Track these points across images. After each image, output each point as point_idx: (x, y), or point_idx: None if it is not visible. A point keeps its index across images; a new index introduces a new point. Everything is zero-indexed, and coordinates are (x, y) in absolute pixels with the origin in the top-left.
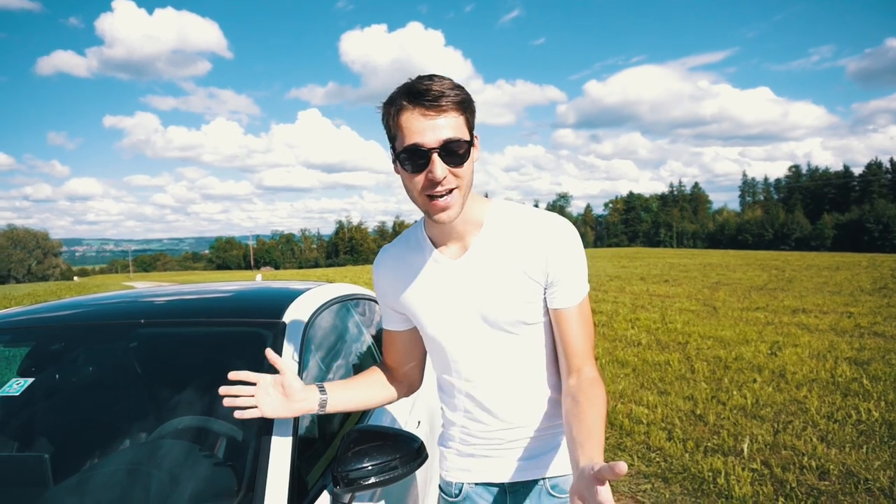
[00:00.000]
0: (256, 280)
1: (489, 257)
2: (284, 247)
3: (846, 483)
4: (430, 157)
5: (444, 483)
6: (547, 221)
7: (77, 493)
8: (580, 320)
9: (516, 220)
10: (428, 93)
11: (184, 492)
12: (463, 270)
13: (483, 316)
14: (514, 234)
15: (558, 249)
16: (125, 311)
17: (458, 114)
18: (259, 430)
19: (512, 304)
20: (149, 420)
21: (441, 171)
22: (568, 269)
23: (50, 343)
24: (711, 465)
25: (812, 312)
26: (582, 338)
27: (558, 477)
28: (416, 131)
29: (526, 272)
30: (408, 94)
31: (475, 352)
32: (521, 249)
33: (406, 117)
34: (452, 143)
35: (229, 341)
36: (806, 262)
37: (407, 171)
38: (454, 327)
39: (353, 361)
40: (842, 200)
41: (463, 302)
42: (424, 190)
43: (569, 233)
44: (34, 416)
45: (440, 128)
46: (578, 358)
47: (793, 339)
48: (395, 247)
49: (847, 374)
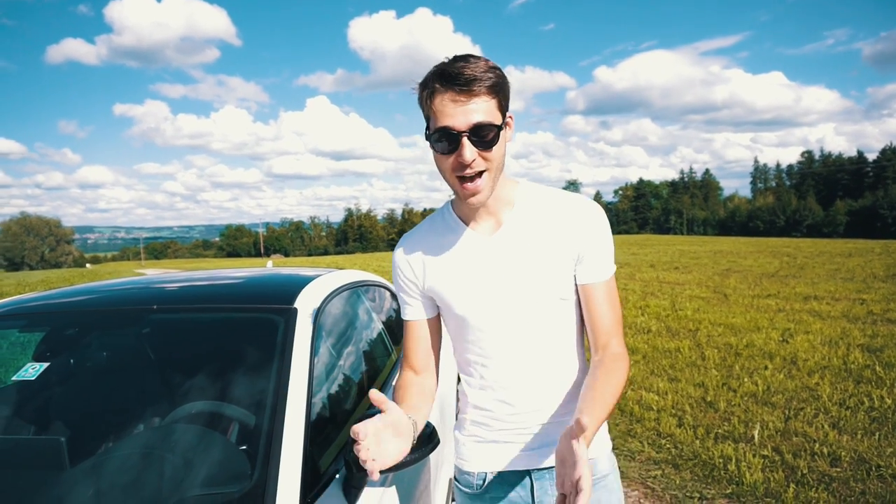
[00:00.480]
0: (267, 267)
1: (523, 233)
2: (294, 234)
3: (858, 469)
4: (459, 140)
5: (463, 474)
6: (577, 200)
7: (93, 476)
8: (607, 297)
9: (547, 198)
10: (460, 76)
11: (197, 475)
12: (498, 246)
13: (518, 291)
14: (546, 212)
15: (588, 226)
16: (138, 297)
17: (489, 97)
18: (272, 415)
19: (547, 279)
20: (162, 405)
21: (470, 154)
22: (596, 246)
23: (64, 328)
24: (722, 452)
25: (824, 299)
26: (609, 314)
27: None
28: (448, 114)
29: (558, 247)
30: (440, 77)
31: (507, 329)
32: (554, 226)
33: (438, 100)
34: (482, 128)
35: (241, 327)
36: (818, 249)
37: (438, 152)
38: (487, 304)
39: (364, 348)
40: (855, 187)
41: (498, 277)
42: (454, 171)
43: (598, 212)
44: (50, 401)
45: (471, 112)
46: (605, 334)
47: (804, 326)
48: (418, 231)
49: (860, 360)
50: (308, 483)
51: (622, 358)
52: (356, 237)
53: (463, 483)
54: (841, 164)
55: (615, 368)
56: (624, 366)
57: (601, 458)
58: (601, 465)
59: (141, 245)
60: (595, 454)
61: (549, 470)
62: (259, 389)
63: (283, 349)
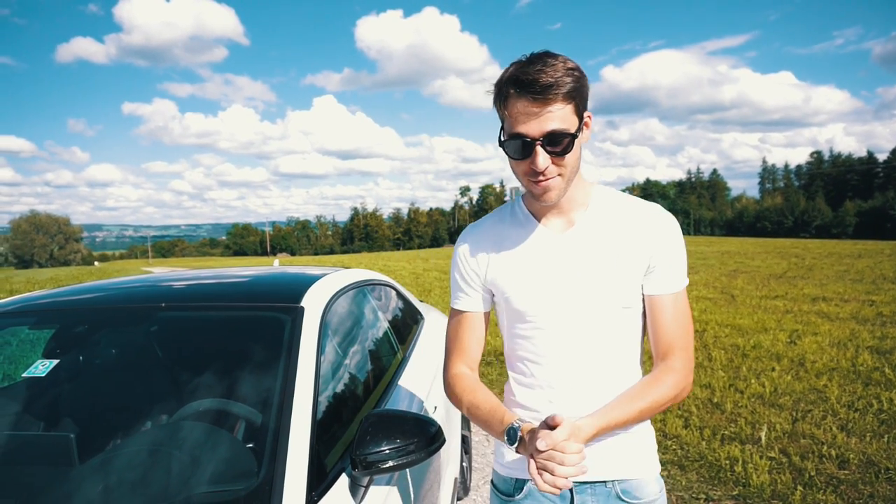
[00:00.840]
0: (274, 265)
1: (596, 234)
2: (300, 233)
3: (866, 472)
4: (533, 147)
5: (501, 479)
6: (652, 208)
7: (102, 473)
8: (675, 310)
9: (623, 203)
10: (535, 84)
11: (204, 472)
12: (567, 244)
13: (581, 292)
14: (621, 215)
15: (662, 235)
16: (146, 295)
17: (565, 103)
18: (279, 413)
19: (615, 282)
20: (170, 402)
21: (543, 162)
22: (668, 257)
23: (74, 326)
24: (729, 453)
25: (832, 301)
26: (674, 328)
27: (630, 480)
28: (521, 122)
29: (628, 254)
30: (515, 83)
31: (564, 329)
32: (626, 231)
33: (512, 105)
34: (556, 135)
35: (248, 325)
36: (827, 250)
37: (511, 156)
38: (548, 301)
39: (370, 347)
40: (865, 187)
41: (563, 276)
42: (527, 176)
43: (673, 223)
44: (59, 397)
45: (545, 120)
46: (666, 346)
47: (812, 328)
48: (485, 222)
49: (868, 363)
50: (314, 481)
51: (677, 373)
52: (362, 236)
53: (500, 487)
54: (850, 164)
55: (662, 381)
56: (674, 380)
57: (648, 480)
58: (648, 489)
59: (149, 243)
60: (639, 475)
61: (591, 485)
62: (266, 387)
63: (290, 347)
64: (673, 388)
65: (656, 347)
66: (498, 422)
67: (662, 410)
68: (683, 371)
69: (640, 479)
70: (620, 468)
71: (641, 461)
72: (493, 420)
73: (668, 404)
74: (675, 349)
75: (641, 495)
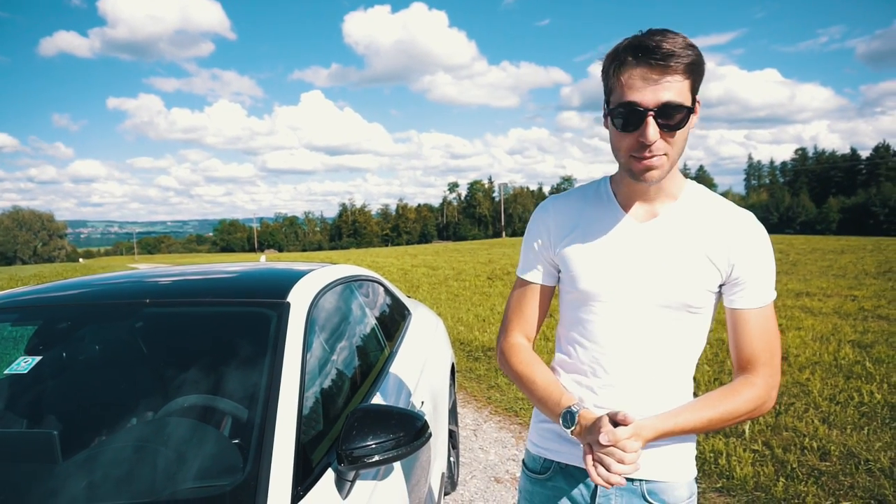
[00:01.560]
0: (260, 261)
1: (678, 229)
2: (288, 229)
3: (847, 463)
4: (645, 118)
5: (531, 458)
6: (743, 213)
7: (86, 469)
8: (760, 325)
9: (713, 202)
10: (656, 50)
11: (190, 468)
12: (648, 234)
13: (654, 284)
14: (708, 215)
15: (749, 245)
16: (131, 291)
17: (683, 77)
18: (264, 409)
19: (688, 282)
20: (155, 398)
21: (653, 135)
22: (758, 270)
23: (57, 322)
24: (713, 447)
25: (816, 296)
26: (758, 343)
27: (658, 482)
28: (636, 89)
29: (710, 255)
30: (634, 49)
31: (621, 318)
32: (713, 232)
33: (628, 73)
34: (672, 108)
35: (234, 321)
36: (811, 246)
37: (617, 128)
38: (614, 286)
39: (357, 342)
40: (848, 184)
41: (635, 264)
42: (631, 151)
43: (762, 232)
44: (42, 394)
45: (662, 89)
46: (746, 361)
47: (796, 323)
48: (568, 196)
49: (850, 356)
50: (300, 476)
51: (757, 388)
52: (350, 232)
53: (529, 465)
54: (834, 161)
55: (739, 392)
56: (752, 395)
57: (679, 485)
58: (678, 493)
59: (134, 240)
60: (670, 478)
61: None
62: (252, 383)
63: (276, 343)
64: (749, 403)
65: (738, 361)
66: (555, 402)
67: (734, 425)
68: (765, 387)
69: (671, 483)
70: (651, 468)
71: (675, 463)
72: (549, 399)
73: (742, 419)
74: (757, 364)
75: (669, 499)
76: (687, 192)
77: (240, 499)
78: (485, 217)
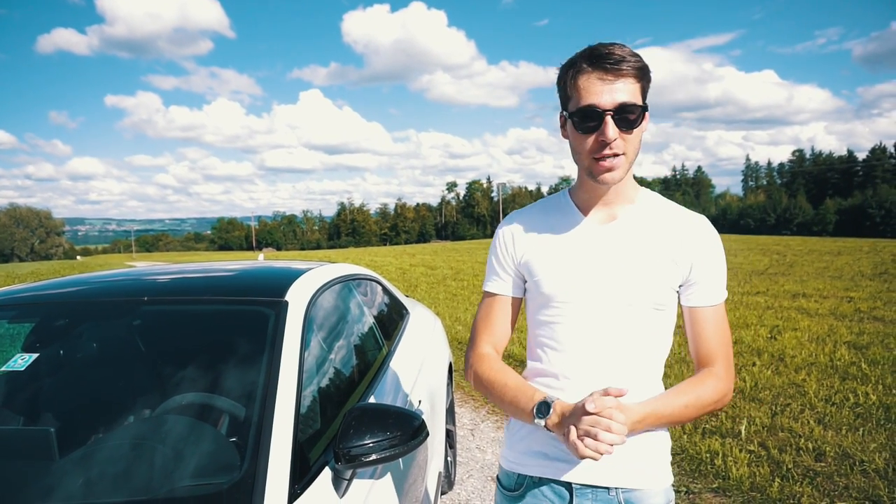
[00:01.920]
0: (259, 260)
1: (637, 231)
2: (286, 228)
3: (842, 464)
4: (603, 118)
5: (504, 474)
6: (699, 218)
7: (83, 467)
8: (715, 323)
9: (668, 206)
10: (609, 56)
11: (187, 466)
12: (606, 237)
13: (618, 285)
14: (666, 218)
15: (706, 246)
16: (129, 289)
17: (635, 80)
18: (262, 407)
19: (651, 281)
20: (152, 396)
21: (613, 133)
22: (711, 269)
23: (54, 319)
24: (709, 447)
25: (812, 297)
26: (715, 339)
27: (634, 490)
28: (593, 93)
29: (671, 256)
30: (589, 57)
31: (587, 320)
32: (670, 233)
33: (584, 79)
34: (627, 107)
35: (232, 319)
36: (808, 247)
37: (578, 131)
38: (577, 289)
39: (355, 341)
40: (845, 185)
41: (596, 267)
42: (592, 153)
43: (716, 235)
44: (39, 391)
45: (617, 91)
46: (705, 357)
47: (792, 324)
48: (529, 210)
49: (846, 357)
50: (297, 474)
51: (719, 379)
52: (349, 231)
53: (503, 482)
54: (831, 162)
55: (705, 382)
56: (716, 385)
57: (655, 492)
58: (654, 501)
59: (132, 237)
60: (646, 485)
61: (592, 489)
62: (249, 381)
63: (274, 342)
64: (715, 392)
65: (697, 357)
66: (528, 398)
67: (703, 415)
68: (726, 379)
69: (647, 490)
70: (627, 476)
71: (651, 470)
72: (523, 396)
73: (709, 409)
74: (717, 358)
75: None
76: (643, 197)
77: (236, 497)
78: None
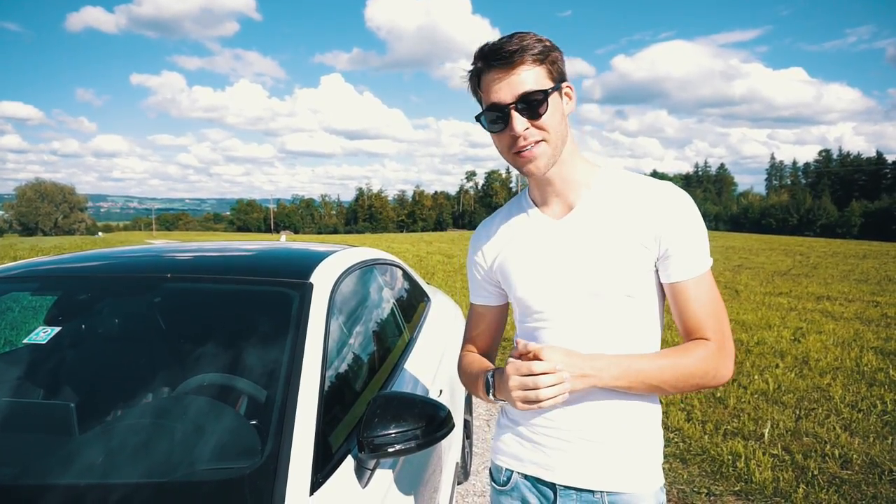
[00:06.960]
0: (281, 240)
1: (596, 218)
2: (304, 211)
3: (870, 473)
4: (508, 113)
5: (495, 468)
6: (663, 185)
7: (102, 443)
8: (699, 296)
9: (628, 183)
10: (499, 51)
11: (206, 448)
12: (565, 230)
13: (582, 281)
14: (626, 195)
15: (674, 215)
16: (152, 265)
17: (534, 65)
18: (285, 390)
19: (617, 271)
20: (173, 374)
21: (520, 126)
22: (685, 238)
23: (77, 293)
24: (731, 449)
25: (837, 300)
26: (701, 315)
27: (620, 494)
28: (494, 91)
29: (636, 237)
30: (483, 57)
31: (564, 319)
32: (632, 211)
33: (484, 79)
34: (529, 96)
35: (256, 300)
36: (832, 249)
37: (492, 131)
38: (547, 289)
39: (377, 326)
40: (872, 188)
41: (560, 263)
42: (510, 148)
43: (685, 199)
44: (60, 365)
45: (515, 83)
46: (692, 332)
47: (816, 326)
48: (494, 217)
49: (873, 363)
50: (320, 462)
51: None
52: (366, 217)
53: (493, 477)
54: (859, 164)
55: (689, 350)
56: (704, 354)
57: (644, 496)
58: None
59: (153, 215)
60: (634, 489)
61: (577, 491)
62: (273, 364)
63: (298, 324)
64: (702, 361)
65: (685, 334)
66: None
67: (691, 386)
68: (717, 350)
69: (636, 494)
70: (613, 479)
71: (640, 473)
72: (480, 374)
73: (697, 382)
74: (705, 332)
75: None
76: (600, 179)
77: (257, 483)
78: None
